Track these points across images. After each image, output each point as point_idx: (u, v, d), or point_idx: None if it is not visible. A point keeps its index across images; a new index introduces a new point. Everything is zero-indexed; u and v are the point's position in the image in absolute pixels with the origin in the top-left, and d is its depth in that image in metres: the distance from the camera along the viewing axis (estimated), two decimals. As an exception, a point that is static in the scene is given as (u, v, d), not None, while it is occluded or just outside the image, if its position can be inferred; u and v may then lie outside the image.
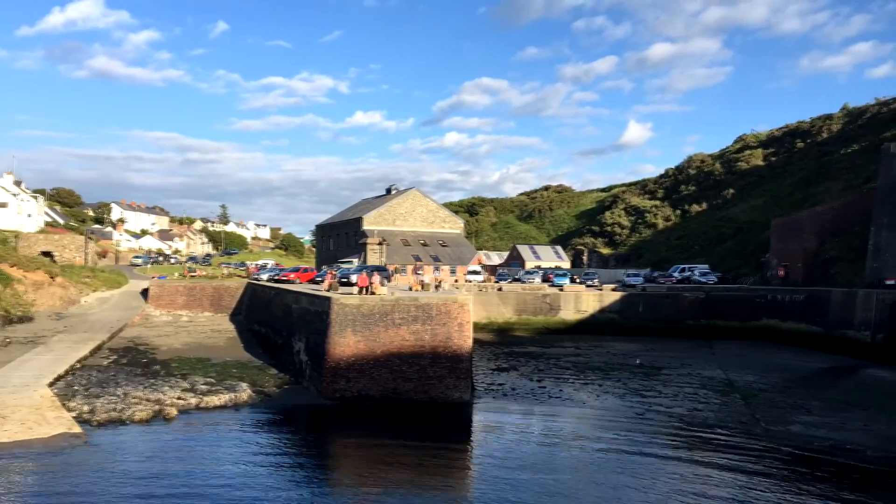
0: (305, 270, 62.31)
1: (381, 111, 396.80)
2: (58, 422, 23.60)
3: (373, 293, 33.12)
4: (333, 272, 46.77)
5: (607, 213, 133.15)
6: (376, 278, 35.21)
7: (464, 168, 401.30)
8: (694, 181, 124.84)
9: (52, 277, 60.52)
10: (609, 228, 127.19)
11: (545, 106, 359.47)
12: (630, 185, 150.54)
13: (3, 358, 34.64)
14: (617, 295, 62.35)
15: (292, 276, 57.67)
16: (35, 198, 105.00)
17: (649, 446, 24.74)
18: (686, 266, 74.43)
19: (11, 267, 56.12)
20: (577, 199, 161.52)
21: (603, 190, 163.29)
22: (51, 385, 29.02)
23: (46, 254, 76.24)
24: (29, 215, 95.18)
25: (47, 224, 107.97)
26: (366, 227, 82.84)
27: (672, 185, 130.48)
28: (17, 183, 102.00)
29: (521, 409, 30.58)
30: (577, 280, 73.27)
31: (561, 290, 63.66)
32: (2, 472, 19.36)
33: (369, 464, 22.66)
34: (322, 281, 45.73)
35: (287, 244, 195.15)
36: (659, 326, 58.47)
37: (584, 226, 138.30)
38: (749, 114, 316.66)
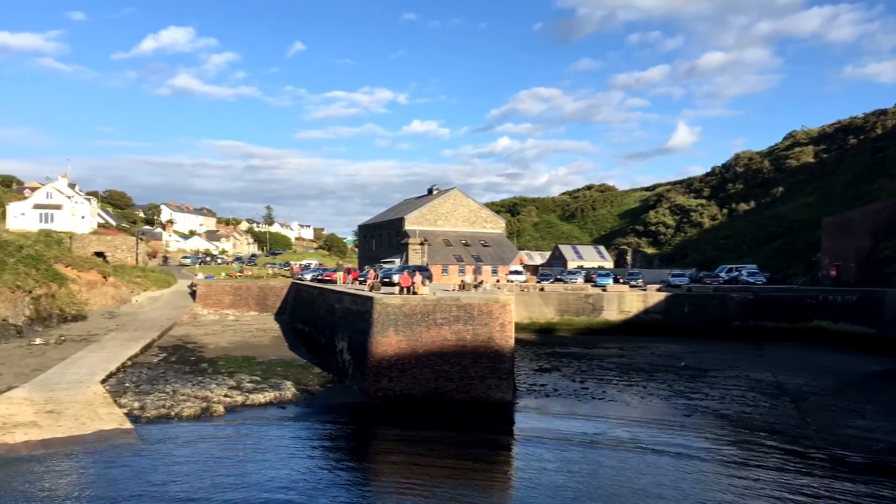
0: (348, 270, 62.97)
1: (437, 120, 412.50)
2: (109, 418, 24.30)
3: (414, 293, 33.27)
4: (376, 272, 47.14)
5: (651, 213, 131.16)
6: (418, 278, 35.37)
7: (512, 171, 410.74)
8: (741, 179, 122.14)
9: (104, 277, 62.40)
10: (653, 228, 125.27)
11: (596, 112, 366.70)
12: (675, 183, 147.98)
13: (58, 355, 35.86)
14: (661, 295, 61.40)
15: (335, 275, 58.36)
16: (88, 200, 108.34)
17: (695, 450, 24.27)
18: (733, 266, 72.89)
19: (66, 267, 58.04)
20: (621, 199, 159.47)
21: (647, 189, 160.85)
22: (103, 382, 29.88)
23: (99, 254, 78.63)
24: (83, 217, 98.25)
25: (100, 225, 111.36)
26: (407, 227, 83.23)
27: (719, 184, 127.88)
28: (72, 185, 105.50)
29: (563, 410, 30.31)
30: (621, 280, 72.44)
31: (604, 290, 62.97)
32: (56, 465, 20.05)
33: (410, 465, 22.69)
34: (365, 281, 46.19)
35: (330, 244, 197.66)
36: (705, 328, 57.33)
37: (627, 225, 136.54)
38: (799, 116, 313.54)
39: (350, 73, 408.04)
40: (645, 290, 63.53)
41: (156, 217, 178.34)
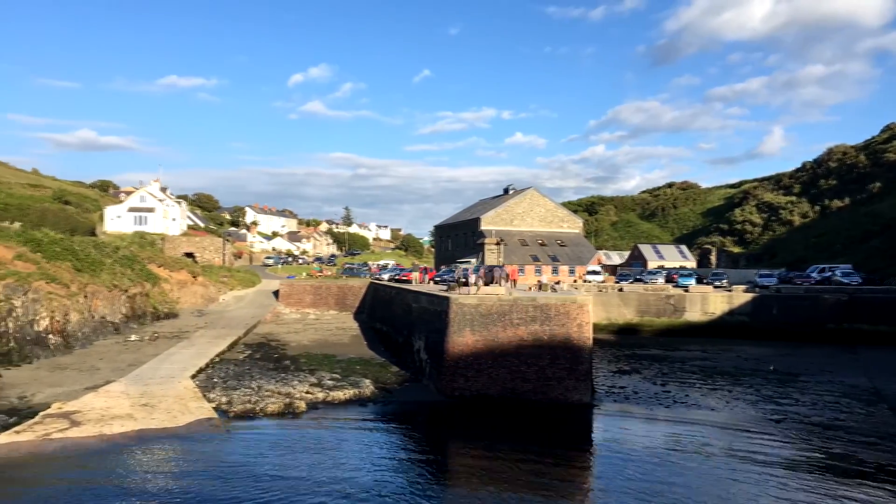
0: (425, 270, 63.51)
1: (537, 133, 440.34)
2: (199, 412, 25.36)
3: (475, 291, 33.17)
4: (483, 272, 46.86)
5: (737, 211, 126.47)
6: (472, 277, 35.27)
7: (604, 175, 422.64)
8: (835, 174, 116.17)
9: (194, 277, 65.23)
10: (739, 226, 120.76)
11: (693, 121, 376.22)
12: (762, 180, 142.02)
13: (151, 351, 37.73)
14: (748, 296, 59.10)
15: (411, 276, 58.97)
16: (179, 203, 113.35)
17: (785, 457, 23.24)
18: (826, 266, 69.30)
19: (159, 267, 61.00)
20: (704, 197, 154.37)
21: (732, 186, 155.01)
22: (193, 377, 31.22)
23: (189, 255, 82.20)
24: (173, 219, 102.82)
25: (189, 227, 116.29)
26: (483, 227, 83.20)
27: (810, 180, 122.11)
28: (163, 189, 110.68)
29: (643, 414, 29.58)
30: (705, 281, 70.17)
31: (686, 290, 61.15)
32: (150, 455, 21.12)
33: (486, 467, 22.55)
34: (442, 280, 46.38)
35: (407, 245, 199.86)
36: (795, 330, 54.74)
37: (711, 224, 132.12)
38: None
39: (461, 94, 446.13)
40: (730, 290, 61.32)
41: (241, 219, 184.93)
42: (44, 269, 39.46)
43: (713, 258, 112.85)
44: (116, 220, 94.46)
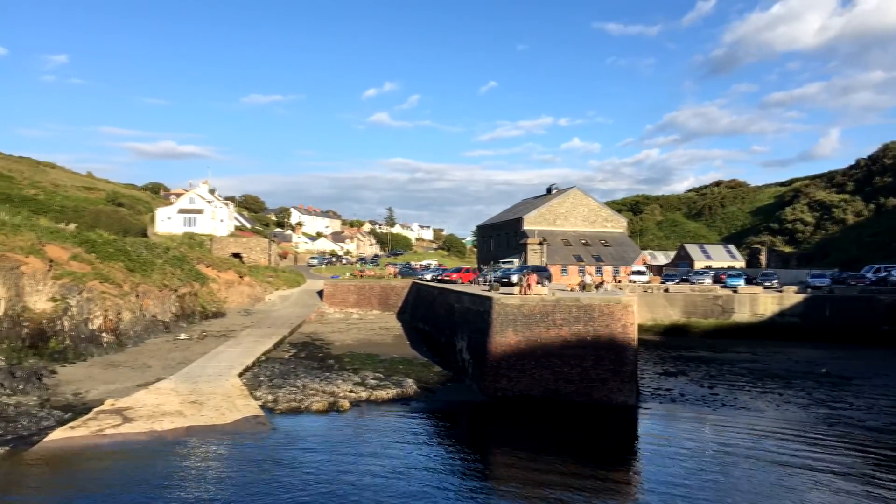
0: (467, 270, 63.48)
1: (593, 139, 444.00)
2: (246, 409, 25.82)
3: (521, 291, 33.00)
4: (525, 275, 46.58)
5: (787, 209, 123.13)
6: (533, 278, 35.08)
7: (657, 177, 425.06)
8: (890, 172, 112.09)
9: (240, 277, 66.48)
10: (790, 225, 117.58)
11: (748, 125, 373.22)
12: (813, 178, 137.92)
13: (200, 350, 38.58)
14: (799, 297, 57.54)
15: (454, 276, 58.97)
16: (226, 204, 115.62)
17: (837, 463, 22.51)
18: (882, 266, 67.00)
19: (207, 267, 62.34)
20: (753, 195, 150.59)
21: (782, 184, 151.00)
22: (240, 375, 31.80)
23: (236, 255, 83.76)
24: (221, 220, 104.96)
25: (236, 228, 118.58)
26: (526, 227, 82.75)
27: (864, 177, 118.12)
28: (212, 191, 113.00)
29: (690, 417, 29.01)
30: (754, 281, 68.55)
31: (735, 291, 59.85)
32: (199, 450, 21.60)
33: (530, 468, 22.34)
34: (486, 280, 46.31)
35: (449, 245, 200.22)
36: (849, 332, 53.08)
37: (760, 223, 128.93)
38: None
39: (520, 104, 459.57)
40: (781, 291, 59.80)
41: (286, 220, 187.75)
42: (98, 270, 40.69)
43: (763, 258, 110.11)
44: (167, 222, 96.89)
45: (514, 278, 41.50)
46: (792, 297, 57.85)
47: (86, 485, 18.60)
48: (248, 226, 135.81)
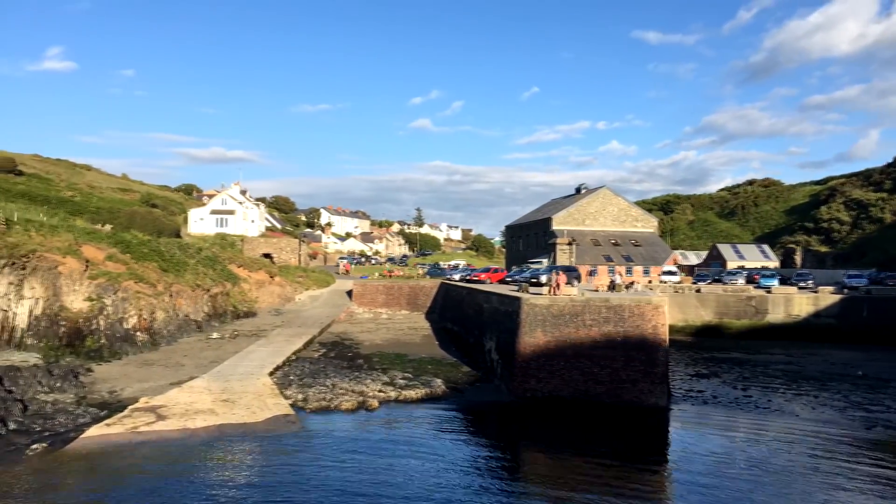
0: (496, 271, 63.34)
1: (630, 141, 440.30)
2: (277, 408, 26.08)
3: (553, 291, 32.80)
4: (554, 275, 46.33)
5: (823, 208, 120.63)
6: (563, 278, 34.85)
7: (693, 178, 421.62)
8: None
9: (271, 277, 67.15)
10: (825, 225, 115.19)
11: (788, 127, 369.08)
12: (850, 176, 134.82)
13: (231, 349, 39.07)
14: (835, 298, 56.36)
15: (482, 276, 58.90)
16: (257, 205, 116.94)
17: (874, 468, 21.98)
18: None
19: (238, 268, 63.09)
20: (787, 194, 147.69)
21: (817, 183, 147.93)
22: (271, 374, 32.14)
23: (266, 255, 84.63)
24: (252, 221, 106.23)
25: (267, 228, 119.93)
26: (555, 227, 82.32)
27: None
28: (243, 192, 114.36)
29: (723, 419, 28.58)
30: (789, 281, 67.34)
31: (768, 291, 58.85)
32: (231, 448, 21.88)
33: (559, 469, 22.27)
34: (514, 281, 46.06)
35: (478, 245, 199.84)
36: (886, 333, 51.81)
37: (795, 222, 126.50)
38: None
39: (562, 109, 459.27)
40: (816, 291, 58.64)
41: (315, 220, 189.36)
42: (132, 270, 41.45)
43: (798, 258, 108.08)
44: (199, 222, 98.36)
45: (543, 278, 41.30)
46: (828, 297, 56.71)
47: (122, 481, 18.95)
48: (279, 226, 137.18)
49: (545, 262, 70.57)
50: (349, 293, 68.52)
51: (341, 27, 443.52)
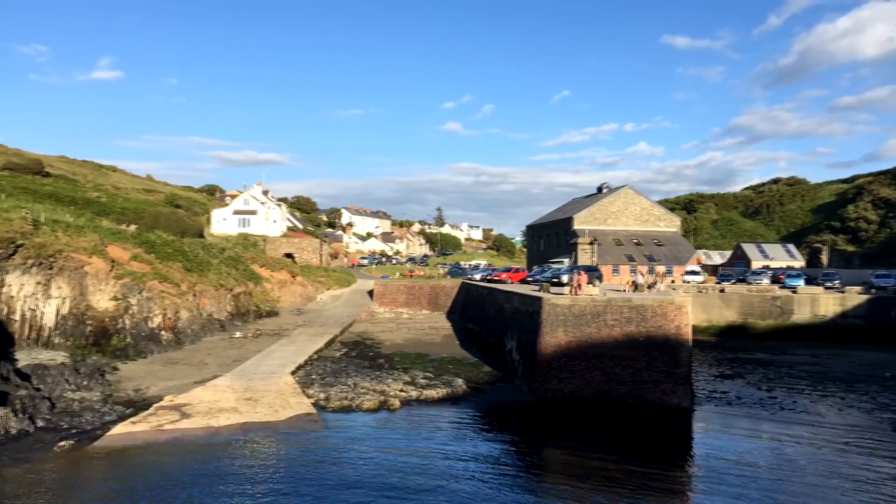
0: (517, 270, 63.17)
1: (658, 142, 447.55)
2: (299, 406, 26.24)
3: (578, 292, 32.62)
4: (576, 275, 45.79)
5: (850, 207, 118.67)
6: (584, 277, 34.65)
7: (719, 178, 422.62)
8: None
9: (293, 277, 67.59)
10: (852, 224, 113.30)
11: (817, 127, 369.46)
12: (878, 174, 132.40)
13: (254, 348, 39.38)
14: (863, 298, 55.41)
15: (503, 276, 58.76)
16: (279, 205, 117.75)
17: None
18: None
19: (261, 267, 63.59)
20: (813, 193, 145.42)
21: (844, 181, 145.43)
22: (293, 373, 32.35)
23: (288, 255, 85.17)
24: (274, 221, 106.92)
25: (289, 229, 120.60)
26: (576, 226, 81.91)
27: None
28: (265, 192, 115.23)
29: (747, 421, 28.22)
30: (815, 281, 66.36)
31: (794, 291, 58.02)
32: (253, 446, 22.07)
33: (581, 470, 22.11)
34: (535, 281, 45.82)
35: (498, 245, 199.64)
36: (917, 335, 50.87)
37: (821, 221, 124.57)
38: None
39: (591, 112, 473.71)
40: (842, 291, 57.70)
41: (337, 220, 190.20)
42: (157, 269, 41.96)
43: (824, 257, 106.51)
44: (222, 223, 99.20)
45: (565, 278, 41.10)
46: (855, 297, 55.78)
47: (147, 478, 19.19)
48: (300, 226, 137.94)
49: (566, 261, 70.20)
50: (370, 293, 68.73)
51: (378, 31, 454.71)
